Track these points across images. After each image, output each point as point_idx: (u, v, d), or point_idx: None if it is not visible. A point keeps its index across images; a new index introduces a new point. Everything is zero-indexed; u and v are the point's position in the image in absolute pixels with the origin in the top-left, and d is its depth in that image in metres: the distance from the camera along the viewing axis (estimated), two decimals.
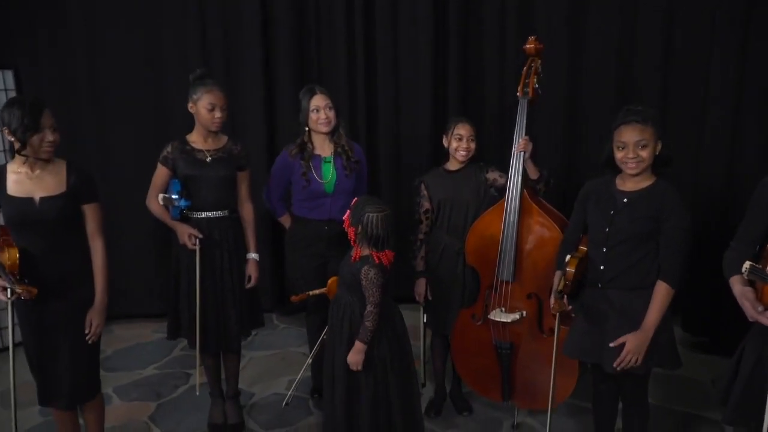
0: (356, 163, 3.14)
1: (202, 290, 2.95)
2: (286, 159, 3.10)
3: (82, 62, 4.30)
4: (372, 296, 2.47)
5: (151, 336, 4.37)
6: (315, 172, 3.05)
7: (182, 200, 2.91)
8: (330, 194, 3.07)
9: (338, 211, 3.01)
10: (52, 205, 2.42)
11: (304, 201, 3.12)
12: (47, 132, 2.39)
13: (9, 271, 2.37)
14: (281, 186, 3.20)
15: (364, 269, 2.47)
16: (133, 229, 4.34)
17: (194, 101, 2.93)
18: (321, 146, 3.11)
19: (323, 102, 3.06)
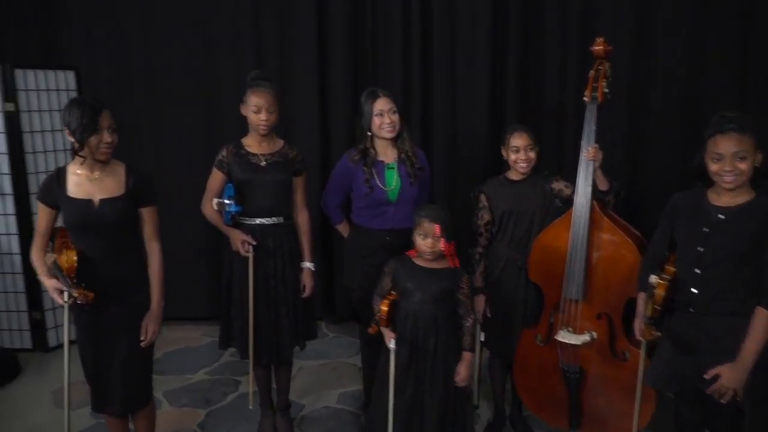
0: (420, 170, 3.00)
1: (254, 299, 2.87)
2: (347, 165, 2.98)
3: (139, 64, 4.31)
4: (471, 307, 2.53)
5: (201, 339, 4.33)
6: (378, 179, 2.92)
7: (233, 205, 2.83)
8: (393, 202, 2.93)
9: (401, 220, 2.90)
10: (112, 207, 2.41)
11: (365, 209, 2.98)
12: (105, 133, 2.37)
13: (67, 273, 2.36)
14: (341, 192, 3.07)
15: (463, 280, 2.49)
16: (188, 231, 4.30)
17: (245, 103, 2.87)
18: (384, 152, 2.97)
19: (387, 106, 2.92)
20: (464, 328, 2.55)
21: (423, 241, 2.54)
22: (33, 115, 3.91)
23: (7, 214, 3.95)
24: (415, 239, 2.56)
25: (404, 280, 2.57)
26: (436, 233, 2.50)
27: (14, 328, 4.09)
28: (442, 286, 2.52)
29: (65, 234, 2.47)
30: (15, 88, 3.82)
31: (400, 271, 2.59)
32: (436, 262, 2.56)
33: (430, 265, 2.56)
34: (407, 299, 2.55)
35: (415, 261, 2.59)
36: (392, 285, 2.61)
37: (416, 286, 2.54)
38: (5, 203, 3.94)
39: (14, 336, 4.10)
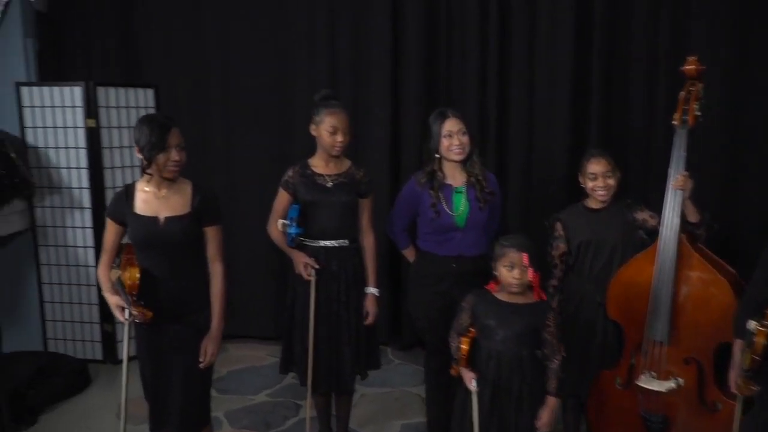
0: (490, 194, 2.85)
1: (316, 324, 2.79)
2: (414, 188, 2.87)
3: (214, 83, 4.35)
4: (557, 347, 2.34)
5: (265, 359, 4.30)
6: (445, 203, 2.80)
7: (293, 227, 2.76)
8: (461, 228, 2.80)
9: (468, 247, 2.80)
10: (176, 226, 2.40)
11: (431, 234, 2.87)
12: (173, 151, 2.36)
13: (128, 291, 2.36)
14: (407, 216, 2.97)
15: (549, 317, 2.34)
16: (257, 248, 4.28)
17: (316, 123, 2.80)
18: (452, 175, 2.85)
19: (456, 127, 2.79)
20: (549, 370, 2.36)
21: (509, 273, 2.37)
22: (113, 131, 4.00)
23: (84, 227, 4.05)
24: (499, 271, 2.40)
25: (485, 317, 2.41)
26: (524, 262, 2.34)
27: (86, 339, 4.17)
28: (527, 323, 2.36)
29: (131, 251, 2.47)
30: (97, 105, 3.93)
31: (479, 307, 2.44)
32: (519, 296, 2.40)
33: (513, 300, 2.40)
34: (489, 337, 2.39)
35: (497, 295, 2.43)
36: (471, 321, 2.47)
37: (499, 323, 2.38)
38: (83, 217, 4.04)
39: (86, 347, 4.18)
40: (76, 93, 3.91)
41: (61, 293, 4.15)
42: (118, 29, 4.36)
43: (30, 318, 4.22)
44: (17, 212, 3.95)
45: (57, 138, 3.98)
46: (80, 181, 4.00)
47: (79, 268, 4.10)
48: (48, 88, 3.96)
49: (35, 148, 3.99)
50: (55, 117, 3.96)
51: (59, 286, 4.14)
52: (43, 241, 4.10)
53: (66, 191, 4.02)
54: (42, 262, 4.13)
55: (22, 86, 3.98)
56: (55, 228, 4.07)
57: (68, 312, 4.16)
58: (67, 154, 3.98)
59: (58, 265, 4.11)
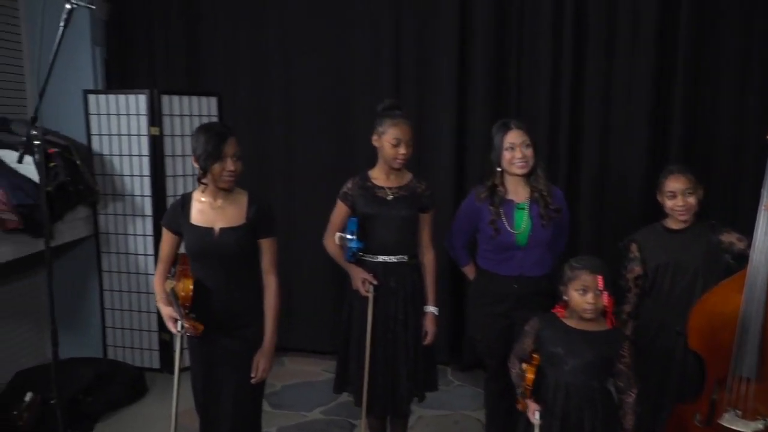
0: (556, 211, 2.76)
1: (372, 342, 2.76)
2: (473, 203, 2.83)
3: (276, 91, 4.39)
4: (633, 379, 2.24)
5: (320, 375, 4.29)
6: (506, 220, 2.74)
7: (355, 241, 2.75)
8: (522, 247, 2.73)
9: (530, 266, 2.74)
10: (231, 237, 2.41)
11: (490, 252, 2.82)
12: (229, 161, 2.38)
13: (181, 302, 2.38)
14: (466, 232, 2.93)
15: (625, 347, 2.26)
16: (315, 261, 4.29)
17: (379, 134, 2.78)
18: (515, 190, 2.78)
19: (519, 139, 2.72)
20: (625, 404, 2.26)
21: (582, 297, 2.27)
22: (175, 139, 4.09)
23: (146, 234, 4.14)
24: (570, 295, 2.31)
25: (552, 344, 2.32)
26: (599, 286, 2.24)
27: (144, 347, 4.26)
28: (599, 353, 2.26)
29: (186, 261, 2.50)
30: (161, 113, 4.02)
31: (546, 332, 2.35)
32: (591, 323, 2.31)
33: (584, 327, 2.31)
34: (556, 367, 2.30)
35: (565, 321, 2.35)
36: (534, 347, 2.39)
37: (568, 352, 2.28)
38: (144, 224, 4.14)
39: (144, 355, 4.27)
40: (141, 101, 4.02)
41: (121, 300, 4.26)
42: (183, 37, 4.47)
43: (90, 324, 4.35)
44: (81, 219, 4.07)
45: (121, 145, 4.09)
46: (142, 189, 4.10)
47: (139, 275, 4.20)
48: (114, 95, 4.09)
49: (100, 155, 4.12)
50: (120, 124, 4.08)
51: (119, 294, 4.25)
52: (105, 248, 4.22)
53: (128, 199, 4.13)
54: (104, 269, 4.25)
55: (89, 94, 4.11)
56: (117, 235, 4.19)
57: (127, 319, 4.26)
58: (130, 162, 4.09)
59: (119, 272, 4.22)
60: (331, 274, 4.26)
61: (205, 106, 4.19)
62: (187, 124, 4.11)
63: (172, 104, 4.06)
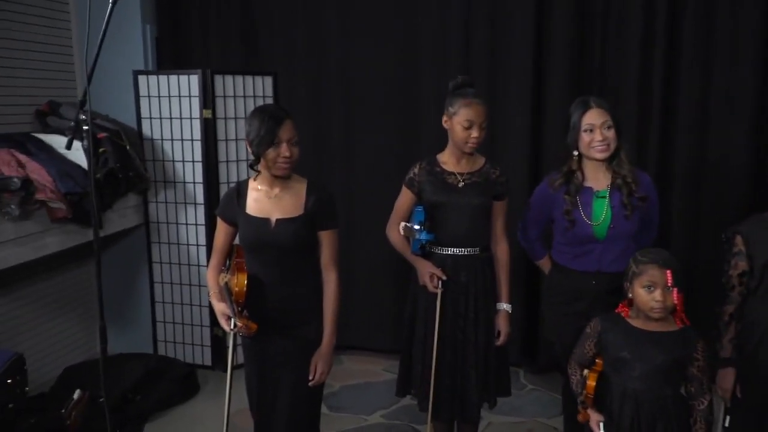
0: (641, 200, 2.64)
1: (440, 342, 2.71)
2: (546, 191, 2.77)
3: (335, 70, 4.37)
4: (707, 384, 2.18)
5: (381, 375, 4.29)
6: (583, 209, 2.66)
7: (424, 232, 2.69)
8: (601, 240, 2.65)
9: (610, 262, 2.65)
10: (287, 229, 2.39)
11: (565, 245, 2.75)
12: (284, 146, 2.35)
13: (235, 299, 2.37)
14: (540, 223, 2.88)
15: (698, 348, 2.19)
16: (377, 253, 4.24)
17: (449, 115, 2.72)
18: (594, 176, 2.68)
19: (600, 119, 2.60)
20: (696, 412, 2.19)
21: (648, 294, 2.22)
22: (229, 122, 4.11)
23: (197, 224, 4.18)
24: (636, 292, 2.26)
25: (617, 347, 2.27)
26: (668, 282, 2.17)
27: (196, 343, 4.31)
28: (670, 356, 2.20)
29: (241, 254, 2.49)
30: (214, 95, 4.04)
31: (609, 335, 2.31)
32: (659, 323, 2.25)
33: (652, 328, 2.25)
34: (622, 373, 2.25)
35: (630, 322, 2.30)
36: (596, 351, 2.36)
37: (635, 356, 2.23)
38: (197, 213, 4.17)
39: (195, 351, 4.32)
40: (193, 81, 4.04)
41: (172, 293, 4.31)
42: (237, 14, 4.49)
43: (140, 318, 4.43)
44: (131, 207, 4.14)
45: (172, 129, 4.14)
46: (194, 176, 4.13)
47: (191, 267, 4.24)
48: (165, 76, 4.12)
49: (150, 140, 4.17)
50: (171, 107, 4.11)
51: (170, 286, 4.31)
52: (155, 239, 4.28)
53: (180, 185, 4.17)
54: (154, 260, 4.31)
55: (139, 74, 4.17)
56: (168, 224, 4.24)
57: (178, 314, 4.32)
58: (182, 147, 4.13)
59: (170, 263, 4.28)
60: (393, 267, 4.22)
61: (260, 86, 4.19)
62: (241, 106, 4.12)
63: (225, 85, 4.07)
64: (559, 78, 3.96)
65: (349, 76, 4.35)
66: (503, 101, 4.05)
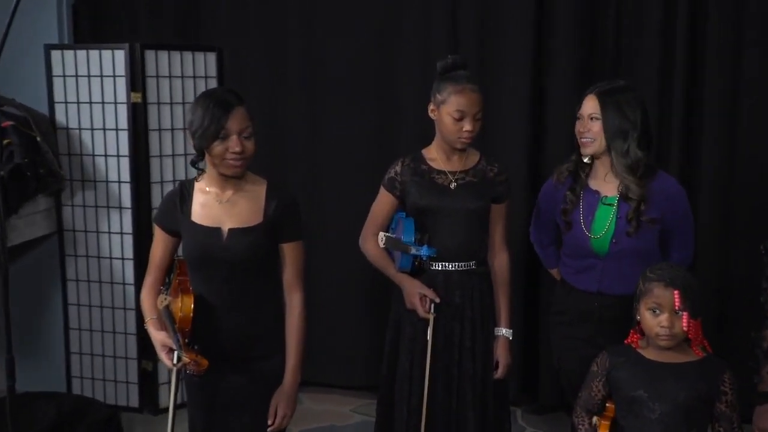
0: (651, 222, 2.64)
1: (431, 379, 2.72)
2: (549, 187, 2.90)
3: (294, 46, 4.36)
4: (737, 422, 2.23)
5: (350, 417, 4.30)
6: (584, 215, 2.71)
7: (425, 247, 2.70)
8: (601, 256, 2.71)
9: (612, 282, 2.70)
10: (243, 240, 2.40)
11: (568, 256, 2.85)
12: (234, 139, 2.32)
13: (179, 327, 2.35)
14: (546, 225, 2.98)
15: (725, 380, 2.22)
16: (345, 270, 4.30)
17: (437, 103, 2.77)
18: (603, 178, 2.73)
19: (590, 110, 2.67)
20: None
21: (653, 319, 2.29)
22: (163, 108, 4.05)
23: (123, 232, 4.10)
24: (642, 315, 2.33)
25: (631, 386, 2.31)
26: (675, 304, 2.24)
27: (120, 379, 4.22)
28: (694, 393, 2.24)
29: (185, 271, 2.49)
30: (144, 74, 3.97)
31: (620, 372, 2.35)
32: (676, 353, 2.30)
33: (669, 359, 2.30)
34: (639, 416, 2.28)
35: (642, 353, 2.36)
36: (606, 392, 2.40)
37: (653, 395, 2.26)
38: (122, 219, 4.09)
39: (119, 390, 4.23)
40: (118, 58, 3.97)
41: (91, 318, 4.21)
42: None
43: (52, 349, 4.34)
44: (41, 212, 4.04)
45: (93, 116, 4.05)
46: (120, 173, 4.05)
47: (115, 286, 4.15)
48: (83, 51, 4.03)
49: (66, 129, 4.08)
50: (92, 90, 4.03)
51: (89, 309, 4.21)
52: (71, 251, 4.19)
53: (102, 186, 4.09)
54: (69, 278, 4.22)
55: (53, 50, 4.07)
56: (87, 233, 4.14)
57: (98, 343, 4.22)
58: (104, 138, 4.05)
59: (88, 282, 4.18)
60: (367, 286, 4.27)
61: (201, 64, 4.16)
62: (177, 88, 4.08)
63: (158, 62, 4.01)
64: (564, 60, 3.99)
65: (312, 52, 4.34)
66: (498, 90, 4.06)
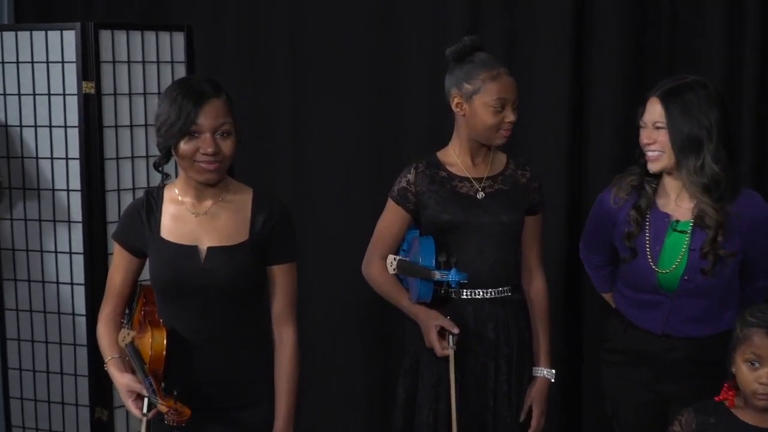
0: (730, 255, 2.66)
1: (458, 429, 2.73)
2: (608, 202, 2.87)
3: (280, 25, 4.41)
4: None
5: None
6: (651, 243, 2.73)
7: (452, 271, 2.70)
8: (669, 293, 2.73)
9: (684, 323, 2.75)
10: (225, 262, 2.42)
11: (627, 287, 2.87)
12: (206, 137, 2.33)
13: (150, 368, 2.35)
14: (600, 245, 3.00)
15: None
16: (344, 301, 4.34)
17: (466, 95, 2.80)
18: (676, 196, 2.75)
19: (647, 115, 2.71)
20: None
21: (751, 373, 2.31)
22: (120, 100, 4.01)
23: (73, 252, 4.06)
24: (738, 367, 2.35)
25: None
26: None
27: (69, 430, 4.16)
28: None
29: (152, 299, 2.50)
30: (98, 59, 3.93)
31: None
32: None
33: None
34: None
35: (737, 414, 2.37)
36: None
37: None
38: (72, 235, 4.05)
39: None
40: (67, 39, 3.93)
41: (34, 357, 4.18)
42: None
43: None
44: None
45: (36, 110, 4.02)
46: (68, 180, 4.02)
47: (62, 317, 4.11)
48: (26, 33, 4.00)
49: (4, 126, 4.06)
50: (36, 78, 4.00)
51: (31, 345, 4.17)
52: (9, 274, 4.16)
53: (46, 194, 4.06)
54: (8, 307, 4.19)
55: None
56: (28, 252, 4.11)
57: (43, 387, 4.18)
58: (50, 136, 4.01)
59: (30, 312, 4.14)
60: (372, 318, 4.30)
61: (167, 47, 4.13)
62: (138, 75, 4.04)
63: (116, 44, 3.97)
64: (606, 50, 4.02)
65: (300, 34, 4.37)
66: (529, 79, 4.05)
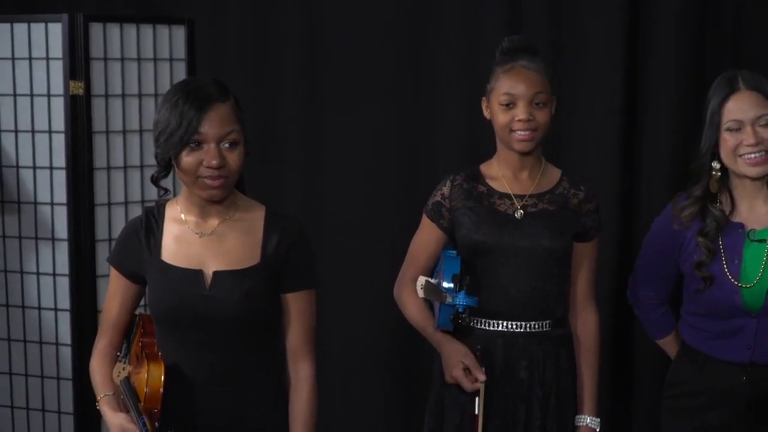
0: None
1: None
2: (667, 225, 2.89)
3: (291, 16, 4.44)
4: None
5: None
6: (727, 261, 2.74)
7: (461, 294, 2.73)
8: (754, 312, 2.75)
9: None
10: (232, 289, 2.43)
11: (699, 317, 2.87)
12: (211, 148, 2.34)
13: (145, 407, 2.36)
14: (660, 278, 2.99)
15: None
16: (366, 330, 4.38)
17: (487, 95, 2.89)
18: (750, 204, 2.79)
19: (753, 110, 2.70)
20: None
21: None
22: (113, 102, 4.07)
23: (57, 273, 4.11)
24: None
25: None
26: None
27: None
28: None
29: (151, 330, 2.52)
30: (88, 56, 3.99)
31: None
32: None
33: None
34: None
35: None
36: None
37: None
38: (56, 255, 4.10)
39: None
40: (53, 33, 3.98)
41: (12, 391, 4.23)
42: None
43: None
44: None
45: (17, 114, 4.08)
46: (53, 192, 4.08)
47: (44, 347, 4.16)
48: (6, 25, 4.05)
49: None
50: (16, 77, 4.07)
51: (9, 378, 4.23)
52: None
53: (27, 208, 4.11)
54: None
55: None
56: (6, 274, 4.17)
57: (22, 425, 4.23)
58: (32, 143, 4.07)
59: (8, 341, 4.20)
60: (396, 351, 4.34)
61: (165, 42, 4.19)
62: (133, 74, 4.10)
63: (108, 39, 4.04)
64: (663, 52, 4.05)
65: (316, 28, 4.42)
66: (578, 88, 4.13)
